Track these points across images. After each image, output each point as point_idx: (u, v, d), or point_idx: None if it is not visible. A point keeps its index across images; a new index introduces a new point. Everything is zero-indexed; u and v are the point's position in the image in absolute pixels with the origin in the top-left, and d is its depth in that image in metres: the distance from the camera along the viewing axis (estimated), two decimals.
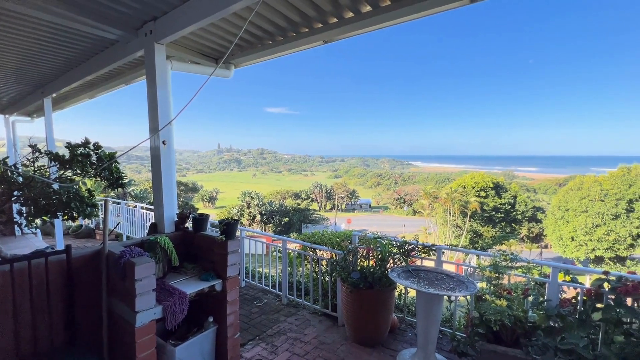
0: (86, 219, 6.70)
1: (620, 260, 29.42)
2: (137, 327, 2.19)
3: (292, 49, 2.93)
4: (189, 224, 3.24)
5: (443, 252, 3.84)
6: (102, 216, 3.35)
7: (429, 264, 3.88)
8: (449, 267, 3.91)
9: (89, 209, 2.80)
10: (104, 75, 4.82)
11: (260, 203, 43.74)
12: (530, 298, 3.27)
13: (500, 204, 37.02)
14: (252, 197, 44.46)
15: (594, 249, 29.68)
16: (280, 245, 4.73)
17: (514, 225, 37.44)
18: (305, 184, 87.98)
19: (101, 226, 8.43)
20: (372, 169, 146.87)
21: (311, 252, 4.63)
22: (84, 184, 10.31)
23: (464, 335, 3.27)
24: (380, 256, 3.71)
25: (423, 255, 3.92)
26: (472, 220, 36.13)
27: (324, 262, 4.48)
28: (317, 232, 4.72)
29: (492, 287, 3.23)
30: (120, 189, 3.35)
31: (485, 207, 36.42)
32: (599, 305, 2.90)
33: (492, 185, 37.59)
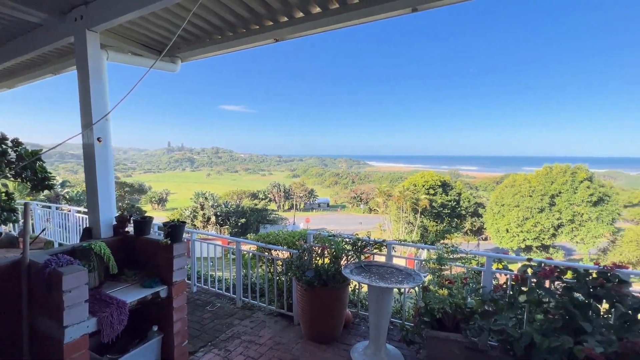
0: (4, 226, 5.87)
1: (545, 248, 33.44)
2: (66, 343, 1.98)
3: (243, 45, 2.85)
4: (130, 228, 3.00)
5: (393, 247, 4.04)
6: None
7: (397, 261, 4.02)
8: (401, 262, 4.12)
9: (5, 214, 2.45)
10: (25, 63, 4.25)
11: (215, 204, 42.02)
12: (469, 286, 3.58)
13: (447, 201, 39.90)
14: (206, 198, 42.54)
15: (524, 239, 33.36)
16: (238, 247, 4.60)
17: (456, 220, 40.55)
18: (263, 184, 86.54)
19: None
20: (330, 168, 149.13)
21: (267, 253, 4.57)
22: (5, 185, 9.04)
23: (412, 324, 3.48)
24: (334, 254, 3.78)
25: (375, 250, 4.08)
26: (422, 216, 38.45)
27: (279, 262, 4.45)
28: (273, 232, 4.67)
29: (435, 278, 3.47)
30: (49, 191, 3.00)
31: (434, 203, 38.99)
32: (524, 289, 3.27)
33: (439, 184, 40.35)
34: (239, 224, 40.85)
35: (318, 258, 3.98)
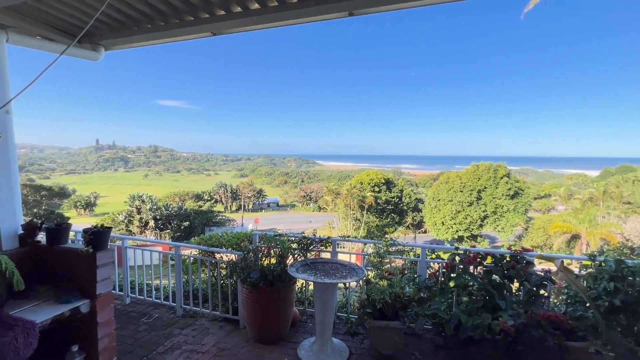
0: None
1: (474, 237, 37.39)
2: None
3: (177, 36, 2.66)
4: (41, 237, 2.62)
5: (338, 244, 4.15)
6: None
7: (343, 257, 4.11)
8: (346, 257, 4.25)
9: None
10: None
11: (155, 207, 38.81)
12: (407, 276, 3.84)
13: (390, 197, 42.33)
14: (143, 201, 39.05)
15: (457, 231, 36.90)
16: (177, 252, 4.30)
17: (395, 215, 43.21)
18: (208, 184, 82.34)
19: None
20: (279, 167, 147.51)
21: (210, 256, 4.36)
22: None
23: (357, 316, 3.62)
24: (280, 253, 3.76)
25: (321, 248, 4.15)
26: (368, 212, 40.24)
27: (223, 265, 4.28)
28: (215, 235, 4.47)
29: (376, 271, 3.66)
30: None
31: (379, 200, 41.07)
32: (453, 275, 3.62)
33: (384, 181, 42.62)
34: (182, 227, 38.33)
35: (264, 258, 3.93)
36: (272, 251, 3.90)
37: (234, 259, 4.04)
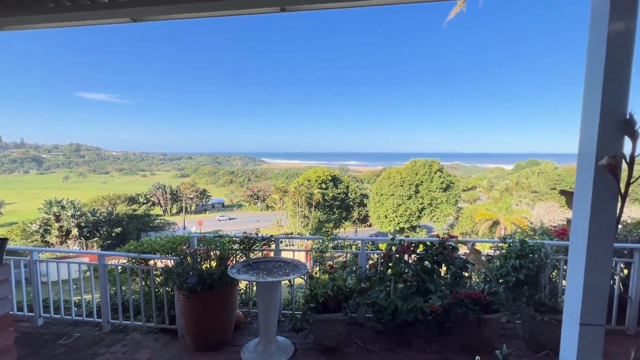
0: None
1: (414, 228, 40.38)
2: None
3: (88, 20, 2.34)
4: None
5: (281, 242, 4.13)
6: None
7: (289, 254, 4.06)
8: (297, 255, 4.25)
9: None
10: None
11: (78, 213, 34.37)
12: (349, 268, 3.99)
13: (337, 194, 43.54)
14: (63, 207, 34.29)
15: (398, 223, 39.47)
16: (102, 262, 3.85)
17: (341, 211, 44.73)
18: (144, 186, 75.53)
19: None
20: (224, 166, 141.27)
21: (142, 264, 4.00)
22: None
23: (302, 312, 3.65)
24: (220, 255, 3.61)
25: (268, 246, 4.09)
26: (316, 209, 40.85)
27: (157, 273, 3.96)
28: (148, 240, 4.12)
29: (319, 266, 3.73)
30: None
31: (326, 197, 41.95)
32: (390, 264, 3.86)
33: (330, 178, 43.65)
34: (113, 234, 34.60)
35: (203, 262, 3.73)
36: (212, 253, 3.73)
37: (170, 265, 3.77)
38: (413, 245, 3.82)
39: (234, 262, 3.74)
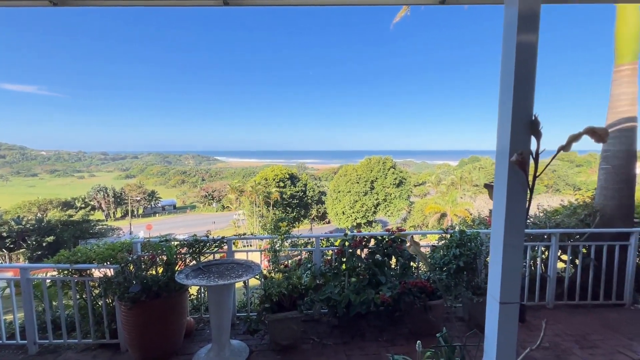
0: None
1: (370, 223, 41.89)
2: None
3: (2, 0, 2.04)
4: None
5: (234, 243, 4.01)
6: None
7: (242, 255, 3.93)
8: (247, 256, 4.14)
9: None
10: None
11: None
12: (304, 266, 4.01)
13: (295, 192, 43.48)
14: None
15: (355, 219, 40.64)
16: (25, 276, 3.39)
17: (300, 209, 44.93)
18: (81, 189, 68.24)
19: None
20: (174, 166, 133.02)
21: (75, 275, 3.62)
22: None
23: (257, 313, 3.59)
24: (167, 260, 3.41)
25: (216, 249, 3.94)
26: (274, 208, 40.42)
27: (94, 284, 3.62)
28: (82, 248, 3.73)
29: (274, 265, 3.70)
30: None
31: (284, 195, 41.68)
32: (344, 259, 3.96)
33: (288, 176, 43.44)
34: (44, 244, 30.83)
35: (149, 269, 3.49)
36: (157, 259, 3.50)
37: (109, 274, 3.46)
38: (365, 239, 3.96)
39: (182, 266, 3.55)
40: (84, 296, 3.62)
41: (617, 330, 3.61)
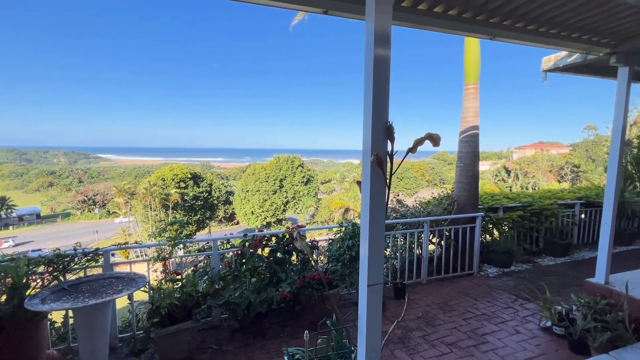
0: None
1: (280, 222, 42.16)
2: None
3: None
4: None
5: (112, 254, 3.47)
6: None
7: (124, 268, 3.36)
8: (130, 267, 3.61)
9: None
10: None
11: None
12: (200, 271, 3.75)
13: (199, 193, 40.30)
14: None
15: (265, 218, 40.29)
16: None
17: (205, 210, 42.09)
18: None
19: None
20: (37, 165, 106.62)
21: None
22: None
23: (143, 331, 3.19)
24: (12, 285, 2.71)
25: (88, 263, 3.32)
26: (175, 211, 36.64)
27: None
28: None
29: (165, 275, 3.35)
30: None
31: (186, 197, 38.16)
32: (244, 260, 3.87)
33: (190, 176, 39.93)
34: None
35: None
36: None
37: None
38: (266, 238, 3.96)
39: (38, 289, 2.88)
40: None
41: (467, 294, 4.55)
